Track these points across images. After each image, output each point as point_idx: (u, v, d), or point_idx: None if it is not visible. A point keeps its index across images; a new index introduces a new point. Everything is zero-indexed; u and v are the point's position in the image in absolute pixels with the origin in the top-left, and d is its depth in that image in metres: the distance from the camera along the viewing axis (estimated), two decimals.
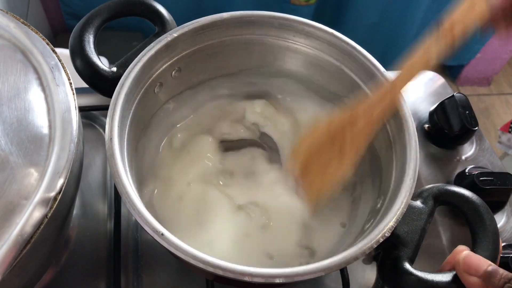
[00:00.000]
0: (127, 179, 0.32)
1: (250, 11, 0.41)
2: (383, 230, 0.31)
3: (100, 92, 0.40)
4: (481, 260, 0.31)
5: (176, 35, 0.39)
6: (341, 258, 0.30)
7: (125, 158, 0.34)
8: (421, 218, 0.34)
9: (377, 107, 0.37)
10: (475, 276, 0.30)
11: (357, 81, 0.41)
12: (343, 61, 0.41)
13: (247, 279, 0.28)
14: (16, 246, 0.26)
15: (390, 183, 0.36)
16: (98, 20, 0.41)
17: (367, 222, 0.37)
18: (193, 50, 0.41)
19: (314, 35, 0.41)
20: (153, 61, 0.38)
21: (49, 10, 1.26)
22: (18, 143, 0.30)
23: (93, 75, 0.39)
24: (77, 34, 0.40)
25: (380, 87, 0.38)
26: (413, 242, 0.34)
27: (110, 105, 0.35)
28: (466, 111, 0.51)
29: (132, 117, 0.37)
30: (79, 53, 0.39)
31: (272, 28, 0.41)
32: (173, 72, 0.41)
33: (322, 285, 0.44)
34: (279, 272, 0.29)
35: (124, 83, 0.36)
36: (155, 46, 0.38)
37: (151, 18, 0.43)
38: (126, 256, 0.43)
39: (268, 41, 0.42)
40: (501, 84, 1.68)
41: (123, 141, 0.35)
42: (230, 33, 0.41)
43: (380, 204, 0.36)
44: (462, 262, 0.31)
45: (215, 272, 0.28)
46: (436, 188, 0.36)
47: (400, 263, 0.33)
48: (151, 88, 0.40)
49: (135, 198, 0.31)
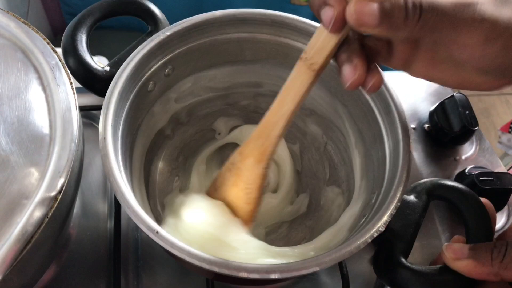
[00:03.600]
0: (121, 178, 0.32)
1: (243, 9, 0.41)
2: (377, 225, 0.31)
3: (93, 92, 0.40)
4: (463, 245, 0.32)
5: (168, 33, 0.39)
6: (336, 252, 0.30)
7: (119, 157, 0.34)
8: (415, 212, 0.35)
9: (257, 148, 0.36)
10: (463, 259, 0.31)
11: None
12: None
13: (243, 275, 0.28)
14: (17, 246, 0.26)
15: (384, 178, 0.36)
16: (90, 20, 0.41)
17: (362, 217, 0.37)
18: (186, 49, 0.41)
19: (307, 31, 0.41)
20: (146, 59, 0.38)
21: (50, 9, 1.26)
22: (18, 142, 0.30)
23: (86, 75, 0.39)
24: (69, 33, 0.40)
25: (259, 128, 0.36)
26: (407, 236, 0.34)
27: (104, 104, 0.35)
28: (466, 111, 0.51)
29: (125, 116, 0.37)
30: (72, 53, 0.39)
31: (265, 25, 0.41)
32: (166, 70, 0.41)
33: (323, 285, 0.44)
34: (275, 268, 0.29)
35: (117, 82, 0.36)
36: (148, 44, 0.38)
37: (143, 17, 0.43)
38: (126, 256, 0.43)
39: (261, 38, 0.42)
40: None
41: (117, 140, 0.35)
42: (222, 31, 0.41)
43: (374, 199, 0.36)
44: (447, 251, 0.32)
45: (211, 268, 0.28)
46: (429, 182, 0.36)
47: (394, 257, 0.33)
48: (145, 86, 0.40)
49: (129, 196, 0.31)
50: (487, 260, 0.30)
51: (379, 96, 0.38)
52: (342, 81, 0.30)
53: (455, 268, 0.32)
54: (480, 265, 0.30)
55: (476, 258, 0.30)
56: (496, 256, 0.30)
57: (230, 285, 0.44)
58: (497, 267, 0.29)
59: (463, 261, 0.31)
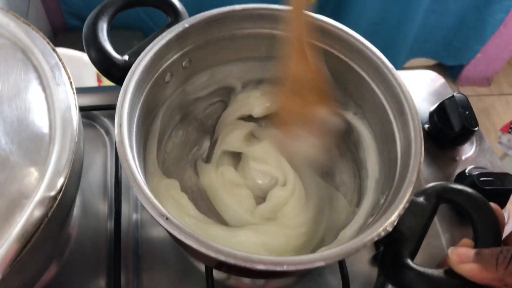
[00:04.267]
0: (134, 165, 0.32)
1: (261, 4, 0.41)
2: (385, 224, 0.31)
3: (112, 80, 0.40)
4: (469, 249, 0.32)
5: (187, 25, 0.39)
6: (342, 249, 0.30)
7: (133, 145, 0.34)
8: (423, 214, 0.34)
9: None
10: (468, 263, 0.31)
11: (364, 77, 0.41)
12: (351, 56, 0.41)
13: (248, 265, 0.28)
14: (17, 245, 0.26)
15: (394, 179, 0.36)
16: (112, 9, 0.41)
17: (370, 217, 0.37)
18: (204, 42, 0.41)
19: (324, 29, 0.41)
20: (164, 50, 0.38)
21: (50, 9, 1.26)
22: (18, 142, 0.30)
23: (106, 63, 0.39)
24: (91, 22, 0.40)
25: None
26: (415, 238, 0.34)
27: (121, 92, 0.35)
28: (466, 111, 0.51)
29: (142, 105, 0.37)
30: (93, 41, 0.40)
31: (282, 22, 0.41)
32: (183, 62, 0.41)
33: (323, 284, 0.44)
34: (285, 260, 0.29)
35: (135, 71, 0.36)
36: (167, 36, 0.38)
37: (163, 8, 0.43)
38: (126, 256, 0.43)
39: (277, 34, 0.42)
40: (501, 84, 1.68)
41: (132, 128, 0.35)
42: (241, 26, 0.42)
43: (383, 199, 0.36)
44: (452, 254, 0.32)
45: (217, 257, 0.28)
46: (439, 185, 0.36)
47: (401, 258, 0.33)
48: (162, 77, 0.40)
49: (142, 183, 0.31)
50: (492, 265, 0.30)
51: (393, 97, 0.38)
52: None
53: (460, 272, 0.31)
54: (485, 270, 0.30)
55: (481, 262, 0.30)
56: (502, 261, 0.29)
57: (231, 281, 0.44)
58: (501, 273, 0.29)
59: (468, 265, 0.31)
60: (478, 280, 0.30)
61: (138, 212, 0.47)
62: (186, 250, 0.40)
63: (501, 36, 1.44)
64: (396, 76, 0.38)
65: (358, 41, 0.40)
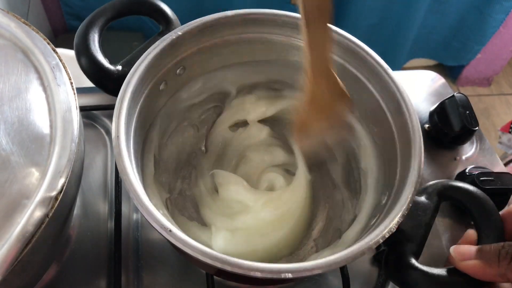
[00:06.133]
0: (134, 177, 0.32)
1: (254, 9, 0.41)
2: (389, 226, 0.31)
3: (105, 91, 0.40)
4: (470, 246, 0.32)
5: (180, 33, 0.39)
6: (348, 253, 0.29)
7: (131, 155, 0.34)
8: (426, 213, 0.34)
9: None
10: (470, 260, 0.31)
11: (360, 77, 0.41)
12: (346, 58, 0.41)
13: (253, 274, 0.28)
14: (17, 246, 0.26)
15: (395, 179, 0.36)
16: (103, 19, 0.41)
17: (373, 218, 0.37)
18: (198, 49, 0.41)
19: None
20: (158, 59, 0.38)
21: (50, 10, 1.26)
22: (19, 142, 0.30)
23: (99, 74, 0.39)
24: (82, 33, 0.40)
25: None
26: (418, 237, 0.34)
27: (116, 103, 0.35)
28: (466, 111, 0.51)
29: (138, 115, 0.37)
30: (84, 52, 0.39)
31: (276, 26, 0.41)
32: (177, 70, 0.41)
33: (323, 284, 0.44)
34: (287, 268, 0.29)
35: (130, 81, 0.36)
36: (160, 44, 0.38)
37: (155, 17, 0.43)
38: (127, 256, 0.43)
39: (272, 39, 0.42)
40: (502, 84, 1.68)
41: (130, 139, 0.35)
42: (234, 32, 0.42)
43: (385, 200, 0.36)
44: (454, 253, 0.32)
45: (223, 267, 0.28)
46: (440, 183, 0.36)
47: (405, 258, 0.33)
48: (157, 86, 0.40)
49: (142, 195, 0.31)
50: (494, 261, 0.30)
51: (390, 97, 0.38)
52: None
53: (462, 269, 0.31)
54: (487, 266, 0.30)
55: (483, 259, 0.30)
56: (504, 257, 0.29)
57: (231, 282, 0.44)
58: (504, 269, 0.29)
59: (470, 262, 0.31)
60: (481, 276, 0.31)
61: (139, 213, 0.47)
62: (191, 261, 0.40)
63: (501, 37, 1.45)
64: (392, 76, 0.38)
65: (352, 42, 0.40)
